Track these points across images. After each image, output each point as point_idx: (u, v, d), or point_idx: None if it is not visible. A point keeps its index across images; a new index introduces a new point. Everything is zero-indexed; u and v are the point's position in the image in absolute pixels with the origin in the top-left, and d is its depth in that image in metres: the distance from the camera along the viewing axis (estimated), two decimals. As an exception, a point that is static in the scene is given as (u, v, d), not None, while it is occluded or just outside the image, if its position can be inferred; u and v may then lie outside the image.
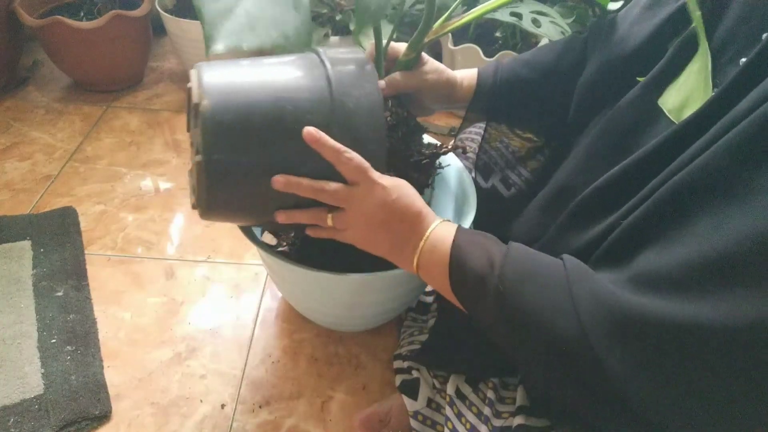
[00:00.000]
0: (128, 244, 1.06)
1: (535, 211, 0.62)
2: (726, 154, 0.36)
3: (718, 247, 0.35)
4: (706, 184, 0.37)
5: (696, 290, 0.35)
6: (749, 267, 0.33)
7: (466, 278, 0.48)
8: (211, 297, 0.97)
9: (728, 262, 0.34)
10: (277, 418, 0.80)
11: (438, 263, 0.51)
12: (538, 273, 0.45)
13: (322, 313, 0.86)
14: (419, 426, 0.72)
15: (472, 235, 0.51)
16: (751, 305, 0.33)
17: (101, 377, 0.82)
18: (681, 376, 0.36)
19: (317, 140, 0.51)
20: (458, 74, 0.70)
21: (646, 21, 0.56)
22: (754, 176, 0.35)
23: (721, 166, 0.37)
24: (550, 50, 0.69)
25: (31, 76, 1.55)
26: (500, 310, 0.45)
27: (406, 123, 0.65)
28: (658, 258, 0.39)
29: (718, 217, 0.36)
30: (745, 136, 0.36)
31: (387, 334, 0.91)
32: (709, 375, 0.35)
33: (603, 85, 0.59)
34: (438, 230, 0.52)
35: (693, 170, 0.38)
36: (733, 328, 0.33)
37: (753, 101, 0.37)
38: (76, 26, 1.30)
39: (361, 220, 0.54)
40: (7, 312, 0.90)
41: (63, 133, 1.34)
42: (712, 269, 0.35)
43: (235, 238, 1.08)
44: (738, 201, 0.35)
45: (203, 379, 0.85)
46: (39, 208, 1.12)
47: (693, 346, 0.35)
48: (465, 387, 0.63)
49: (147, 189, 1.19)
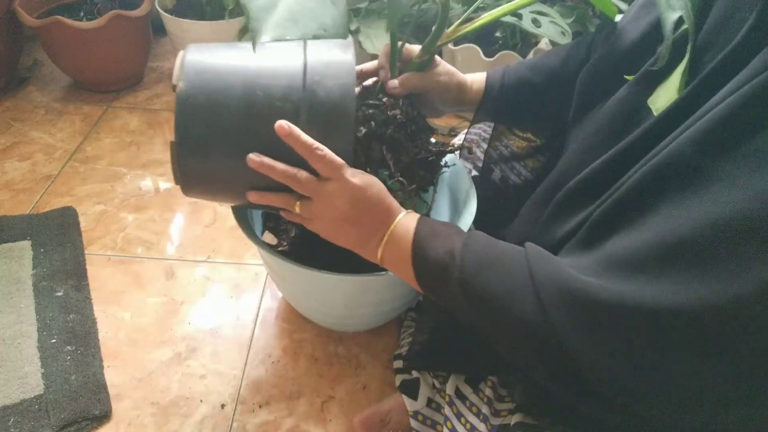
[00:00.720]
0: (128, 244, 1.06)
1: (529, 208, 0.62)
2: (691, 143, 0.38)
3: (677, 233, 0.36)
4: (672, 172, 0.39)
5: (653, 273, 0.37)
6: (704, 252, 0.35)
7: (429, 269, 0.51)
8: (211, 297, 0.97)
9: (684, 247, 0.36)
10: (277, 418, 0.80)
11: (401, 257, 0.53)
12: (498, 259, 0.47)
13: (322, 313, 0.86)
14: (419, 426, 0.72)
15: (433, 226, 0.53)
16: (703, 289, 0.34)
17: (101, 377, 0.82)
18: (636, 356, 0.38)
19: (289, 134, 0.52)
20: (468, 77, 0.72)
21: (640, 19, 0.57)
22: (714, 165, 0.36)
23: (685, 156, 0.38)
24: (556, 54, 0.70)
25: (31, 76, 1.55)
26: (464, 296, 0.47)
27: (415, 121, 0.66)
28: (621, 243, 0.41)
29: (680, 204, 0.37)
30: (709, 126, 0.37)
31: (387, 334, 0.91)
32: (660, 355, 0.37)
33: (598, 82, 0.60)
34: (400, 224, 0.54)
35: (660, 160, 0.40)
36: (684, 309, 0.35)
37: (725, 95, 0.38)
38: (76, 26, 1.30)
39: (327, 213, 0.55)
40: (7, 312, 0.90)
41: (63, 133, 1.34)
42: (669, 253, 0.36)
43: (235, 238, 1.08)
44: (698, 189, 0.36)
45: (203, 379, 0.85)
46: (39, 208, 1.12)
47: (648, 328, 0.37)
48: (465, 387, 0.63)
49: (147, 189, 1.19)
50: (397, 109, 0.64)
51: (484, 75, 0.73)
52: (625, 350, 0.38)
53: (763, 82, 0.35)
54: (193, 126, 0.53)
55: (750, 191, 0.33)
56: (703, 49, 0.45)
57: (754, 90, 0.35)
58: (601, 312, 0.38)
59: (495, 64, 1.29)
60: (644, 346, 0.37)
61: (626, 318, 0.37)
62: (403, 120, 0.64)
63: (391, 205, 0.55)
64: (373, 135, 0.62)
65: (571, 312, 0.40)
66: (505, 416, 0.58)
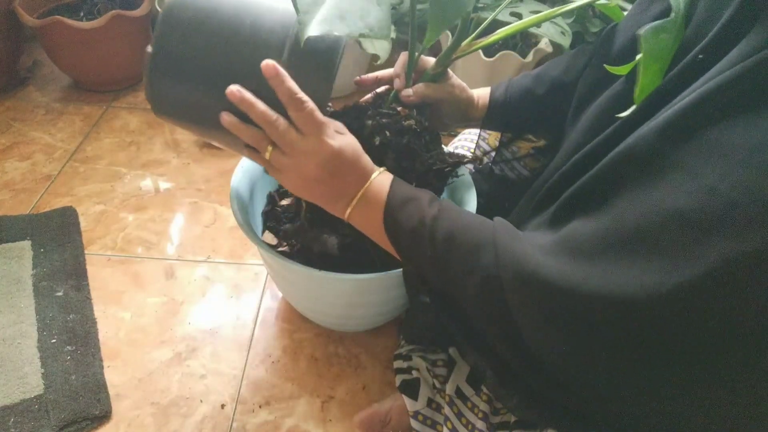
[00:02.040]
0: (128, 244, 1.06)
1: (522, 206, 0.63)
2: (655, 131, 0.38)
3: (631, 220, 0.37)
4: (634, 158, 0.39)
5: (606, 259, 0.38)
6: (653, 241, 0.35)
7: (400, 236, 0.52)
8: (211, 297, 0.97)
9: (636, 235, 0.36)
10: (277, 418, 0.80)
11: (371, 218, 0.54)
12: (466, 233, 0.48)
13: (323, 313, 0.86)
14: (419, 426, 0.72)
15: (406, 192, 0.54)
16: (648, 278, 0.35)
17: (101, 377, 0.82)
18: (582, 342, 0.39)
19: (275, 76, 0.49)
20: (474, 93, 0.73)
21: (636, 16, 0.57)
22: (672, 153, 0.37)
23: (648, 142, 0.39)
24: (558, 63, 0.71)
25: (31, 76, 1.55)
26: (431, 266, 0.50)
27: (429, 131, 0.67)
28: (582, 226, 0.42)
29: (638, 191, 0.38)
30: (673, 115, 0.37)
31: (387, 334, 0.91)
32: (604, 342, 0.38)
33: (594, 82, 0.60)
34: (372, 186, 0.54)
35: (624, 146, 0.40)
36: (630, 298, 0.35)
37: (694, 88, 0.38)
38: (76, 26, 1.30)
39: (298, 170, 0.53)
40: (7, 312, 0.90)
41: (63, 133, 1.34)
42: (622, 240, 0.37)
43: (235, 239, 1.08)
44: (657, 176, 0.37)
45: (203, 379, 0.85)
46: (39, 208, 1.12)
47: (595, 315, 0.37)
48: (466, 387, 0.63)
49: (147, 189, 1.19)
50: (411, 119, 0.65)
51: (488, 90, 0.74)
52: (572, 335, 0.39)
53: (731, 75, 0.35)
54: (173, 40, 0.51)
55: (703, 182, 0.34)
56: (686, 45, 0.45)
57: (721, 82, 0.35)
58: (553, 296, 0.40)
59: (495, 63, 1.29)
60: (590, 333, 0.38)
61: (575, 304, 0.38)
62: (417, 130, 0.65)
63: (366, 166, 0.55)
64: (389, 144, 0.62)
65: (525, 293, 0.42)
66: (504, 414, 0.58)
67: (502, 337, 0.46)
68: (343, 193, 0.54)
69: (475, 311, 0.49)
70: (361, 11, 0.44)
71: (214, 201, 1.16)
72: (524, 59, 1.29)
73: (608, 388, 0.41)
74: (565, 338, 0.40)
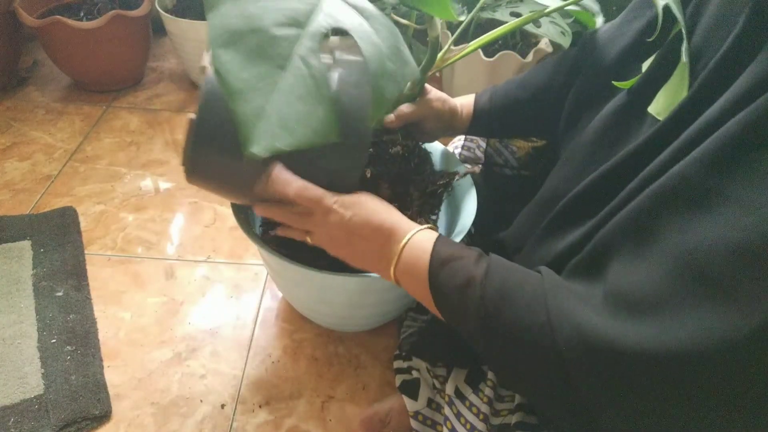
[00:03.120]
0: (128, 244, 1.06)
1: (526, 217, 0.62)
2: (698, 164, 0.36)
3: (689, 260, 0.34)
4: (678, 195, 0.37)
5: (668, 309, 0.34)
6: (719, 280, 0.32)
7: (447, 299, 0.48)
8: (211, 297, 0.97)
9: (697, 279, 0.33)
10: (277, 418, 0.80)
11: (416, 280, 0.51)
12: (517, 292, 0.44)
13: (323, 314, 0.86)
14: (419, 426, 0.72)
15: (449, 250, 0.50)
16: (722, 324, 0.32)
17: (101, 377, 0.82)
18: (652, 403, 0.36)
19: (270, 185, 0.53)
20: (457, 102, 0.74)
21: (630, 23, 0.57)
22: (724, 186, 0.34)
23: (692, 177, 0.36)
24: (542, 69, 0.72)
25: (31, 76, 1.55)
26: (482, 328, 0.45)
27: (417, 154, 0.68)
28: (629, 272, 0.38)
29: (689, 229, 0.35)
30: (717, 146, 0.35)
31: (387, 334, 0.91)
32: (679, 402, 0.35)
33: (590, 90, 0.61)
34: (411, 246, 0.51)
35: (664, 182, 0.38)
36: (705, 350, 0.32)
37: (723, 106, 0.37)
38: (76, 26, 1.30)
39: (325, 240, 0.56)
40: (7, 312, 0.90)
41: (63, 133, 1.34)
42: (681, 287, 0.34)
43: (235, 239, 1.08)
44: (709, 212, 0.34)
45: (203, 379, 0.85)
46: (39, 208, 1.12)
47: (668, 374, 0.34)
48: (465, 387, 0.63)
49: (147, 189, 1.19)
50: (398, 146, 0.65)
51: (472, 98, 0.75)
52: (641, 398, 0.36)
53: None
54: (219, 112, 0.51)
55: (762, 213, 0.32)
56: (697, 54, 0.45)
57: (761, 108, 0.33)
58: (616, 359, 0.36)
59: (495, 64, 1.29)
60: (662, 394, 0.35)
61: (644, 366, 0.35)
62: (405, 155, 0.65)
63: (393, 226, 0.53)
64: (380, 175, 0.63)
65: (585, 357, 0.38)
66: (505, 416, 0.58)
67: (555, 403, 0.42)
68: (377, 254, 0.53)
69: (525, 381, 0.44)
70: (301, 116, 0.39)
71: (214, 201, 1.16)
72: (524, 59, 1.29)
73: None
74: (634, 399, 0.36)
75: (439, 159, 0.81)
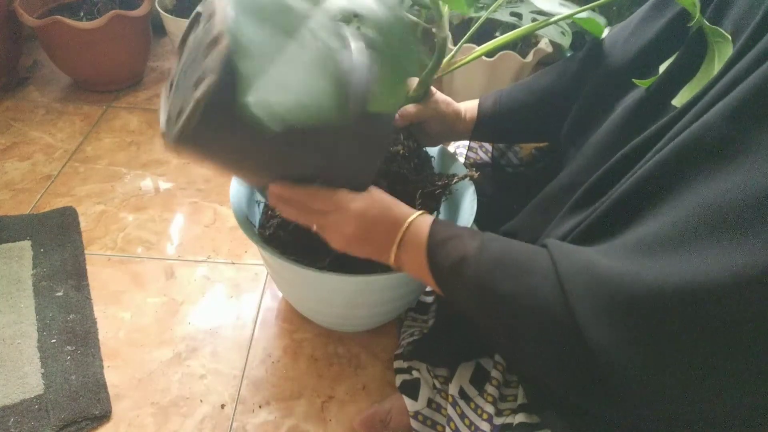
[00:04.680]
0: (128, 244, 1.06)
1: (535, 210, 0.62)
2: (720, 116, 0.37)
3: (711, 204, 0.35)
4: (702, 146, 0.37)
5: (686, 248, 0.35)
6: (740, 221, 0.33)
7: (446, 278, 0.50)
8: (211, 297, 0.97)
9: (719, 218, 0.34)
10: (277, 418, 0.80)
11: (416, 263, 0.52)
12: (515, 258, 0.45)
13: (323, 313, 0.86)
14: (419, 426, 0.72)
15: (446, 231, 0.51)
16: (740, 259, 0.33)
17: (101, 377, 0.82)
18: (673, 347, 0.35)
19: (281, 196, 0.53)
20: (461, 106, 0.74)
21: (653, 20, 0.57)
22: (746, 135, 0.35)
23: (716, 129, 0.37)
24: (548, 73, 0.72)
25: (31, 76, 1.55)
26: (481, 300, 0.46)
27: (417, 155, 0.68)
28: (649, 224, 0.39)
29: (713, 177, 0.36)
30: (741, 97, 0.36)
31: (387, 334, 0.91)
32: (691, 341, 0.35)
33: (605, 93, 0.60)
34: (410, 230, 0.53)
35: (688, 136, 0.38)
36: (721, 283, 0.33)
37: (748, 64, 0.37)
38: (76, 26, 1.30)
39: (337, 237, 0.55)
40: (7, 312, 0.90)
41: (63, 133, 1.34)
42: (703, 225, 0.35)
43: (235, 239, 1.08)
44: (734, 161, 0.35)
45: (203, 379, 0.85)
46: (39, 208, 1.12)
47: (687, 310, 0.34)
48: (470, 388, 0.63)
49: (147, 189, 1.19)
50: (399, 145, 0.65)
51: (476, 103, 0.75)
52: (655, 339, 0.36)
53: None
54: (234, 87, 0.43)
55: None
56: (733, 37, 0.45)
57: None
58: (632, 301, 0.36)
59: (495, 64, 1.29)
60: (677, 338, 0.35)
61: (660, 304, 0.35)
62: (406, 154, 0.66)
63: (398, 214, 0.54)
64: (379, 172, 0.62)
65: (598, 304, 0.38)
66: (508, 415, 0.58)
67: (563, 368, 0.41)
68: (386, 244, 0.54)
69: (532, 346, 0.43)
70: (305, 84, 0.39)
71: (214, 201, 1.16)
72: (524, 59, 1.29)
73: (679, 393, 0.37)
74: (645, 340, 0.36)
75: (438, 157, 0.81)
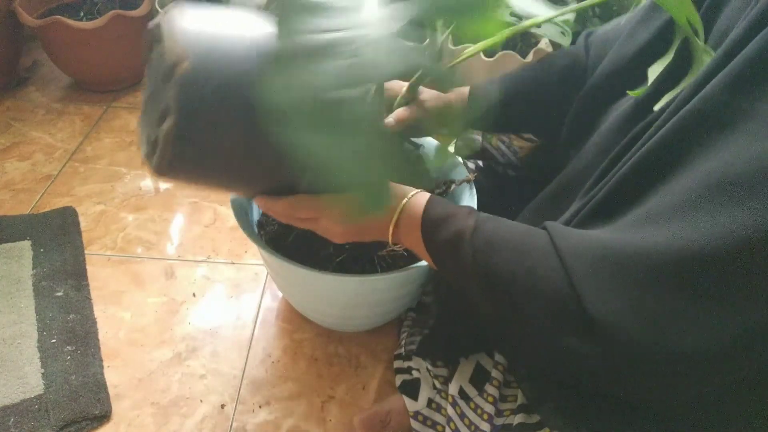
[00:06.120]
0: (128, 244, 1.06)
1: (536, 210, 0.62)
2: (720, 87, 0.37)
3: (712, 173, 0.35)
4: (702, 118, 0.37)
5: (690, 214, 0.35)
6: (740, 187, 0.33)
7: (442, 258, 0.50)
8: (211, 297, 0.97)
9: (727, 183, 0.34)
10: (277, 418, 0.80)
11: (413, 240, 0.53)
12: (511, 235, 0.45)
13: (323, 313, 0.86)
14: (419, 426, 0.72)
15: (440, 209, 0.51)
16: (744, 222, 0.33)
17: (101, 377, 0.82)
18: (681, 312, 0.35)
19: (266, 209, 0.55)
20: (451, 96, 0.73)
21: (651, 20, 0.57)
22: (748, 103, 0.35)
23: (715, 99, 0.37)
24: (545, 62, 0.72)
25: (31, 76, 1.55)
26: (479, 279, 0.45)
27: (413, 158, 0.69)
28: (655, 199, 0.39)
29: (717, 146, 0.36)
30: (738, 67, 0.36)
31: (387, 334, 0.91)
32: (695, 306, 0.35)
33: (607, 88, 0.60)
34: (406, 209, 0.53)
35: (687, 111, 0.38)
36: (737, 246, 0.33)
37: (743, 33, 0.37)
38: (76, 26, 1.29)
39: (332, 237, 0.56)
40: (7, 312, 0.90)
41: (63, 133, 1.34)
42: (711, 192, 0.35)
43: (235, 239, 1.08)
44: (734, 130, 0.35)
45: (203, 379, 0.85)
46: (39, 208, 1.12)
47: (695, 275, 0.34)
48: (470, 388, 0.63)
49: (147, 189, 1.19)
50: None
51: (466, 89, 0.74)
52: (663, 305, 0.35)
53: None
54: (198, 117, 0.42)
55: None
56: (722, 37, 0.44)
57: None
58: (637, 266, 0.36)
59: (495, 64, 1.28)
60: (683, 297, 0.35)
61: (666, 268, 0.35)
62: None
63: (395, 194, 0.54)
64: None
65: (602, 274, 0.37)
66: (508, 415, 0.58)
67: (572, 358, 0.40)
68: (382, 230, 0.54)
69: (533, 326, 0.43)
70: None
71: (214, 201, 1.16)
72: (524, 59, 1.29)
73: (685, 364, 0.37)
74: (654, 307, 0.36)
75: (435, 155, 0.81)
